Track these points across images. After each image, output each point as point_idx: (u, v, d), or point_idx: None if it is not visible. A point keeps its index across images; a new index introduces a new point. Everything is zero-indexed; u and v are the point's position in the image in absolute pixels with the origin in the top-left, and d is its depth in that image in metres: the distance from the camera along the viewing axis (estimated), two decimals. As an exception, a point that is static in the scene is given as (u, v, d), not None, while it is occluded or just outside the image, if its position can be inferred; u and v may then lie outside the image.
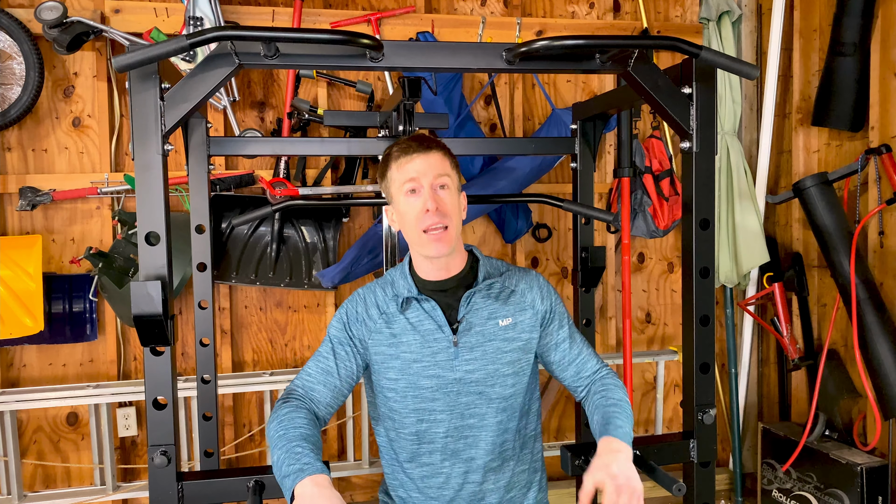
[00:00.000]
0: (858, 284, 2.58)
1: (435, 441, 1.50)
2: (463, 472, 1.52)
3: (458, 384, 1.48)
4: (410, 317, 1.49)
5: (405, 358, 1.48)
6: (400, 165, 1.44)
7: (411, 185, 1.43)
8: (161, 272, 1.30)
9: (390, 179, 1.47)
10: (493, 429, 1.51)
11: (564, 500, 3.10)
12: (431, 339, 1.48)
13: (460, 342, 1.48)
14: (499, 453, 1.53)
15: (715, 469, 1.52)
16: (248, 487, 1.35)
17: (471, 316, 1.49)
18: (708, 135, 1.46)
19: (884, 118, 2.63)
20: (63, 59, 2.67)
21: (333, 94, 2.92)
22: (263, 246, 2.74)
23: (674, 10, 3.28)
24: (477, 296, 1.50)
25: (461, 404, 1.49)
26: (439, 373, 1.48)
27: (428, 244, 1.43)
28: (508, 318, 1.51)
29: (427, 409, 1.49)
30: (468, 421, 1.50)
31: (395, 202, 1.47)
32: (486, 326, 1.49)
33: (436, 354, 1.48)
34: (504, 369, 1.50)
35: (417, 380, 1.48)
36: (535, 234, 3.16)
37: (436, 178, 1.43)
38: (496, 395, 1.50)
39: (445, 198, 1.44)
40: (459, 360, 1.48)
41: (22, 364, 2.71)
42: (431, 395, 1.48)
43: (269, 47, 1.32)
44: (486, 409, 1.50)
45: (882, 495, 2.56)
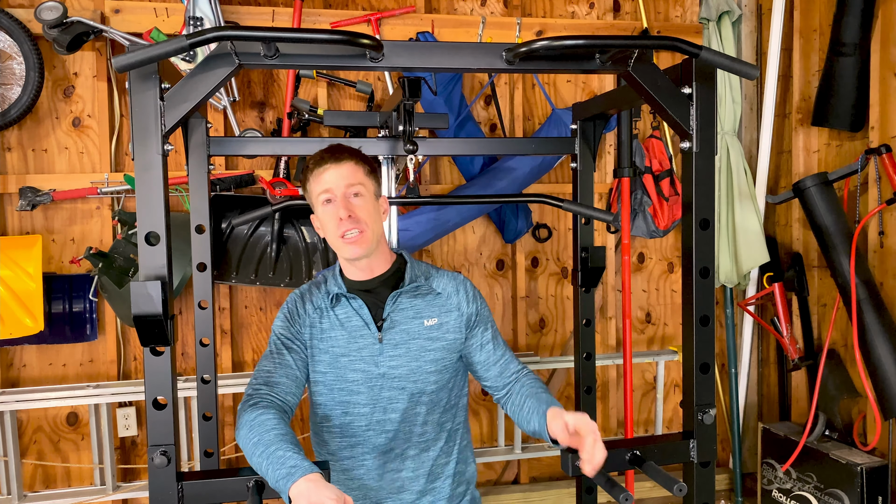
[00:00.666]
0: (858, 284, 2.58)
1: (358, 434, 1.58)
2: (382, 463, 1.59)
3: (382, 379, 1.56)
4: (339, 313, 1.57)
5: (333, 352, 1.56)
6: (315, 177, 1.53)
7: (326, 195, 1.51)
8: (161, 272, 1.30)
9: (309, 191, 1.55)
10: (410, 420, 1.59)
11: (564, 500, 3.10)
12: (358, 335, 1.56)
13: (385, 339, 1.56)
14: (416, 442, 1.60)
15: (715, 469, 1.52)
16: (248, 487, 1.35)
17: (396, 314, 1.57)
18: (708, 135, 1.46)
19: (884, 118, 2.63)
20: (63, 59, 2.67)
21: (333, 94, 2.92)
22: (263, 246, 2.74)
23: (674, 10, 3.28)
24: (403, 296, 1.58)
25: (384, 398, 1.56)
26: (364, 367, 1.55)
27: (344, 247, 1.52)
28: (434, 318, 1.59)
29: (351, 402, 1.56)
30: (390, 415, 1.57)
31: (317, 212, 1.56)
32: (410, 325, 1.57)
33: (361, 350, 1.55)
34: (427, 367, 1.57)
35: (345, 373, 1.55)
36: (535, 234, 3.16)
37: (348, 188, 1.51)
38: (417, 391, 1.58)
39: (359, 204, 1.51)
40: (384, 356, 1.56)
41: (22, 364, 2.71)
42: (356, 388, 1.56)
43: (269, 47, 1.32)
44: (407, 404, 1.57)
45: (882, 495, 2.57)
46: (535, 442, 3.16)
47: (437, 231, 2.79)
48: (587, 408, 2.10)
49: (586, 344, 2.13)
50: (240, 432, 1.37)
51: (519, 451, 2.98)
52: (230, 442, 2.85)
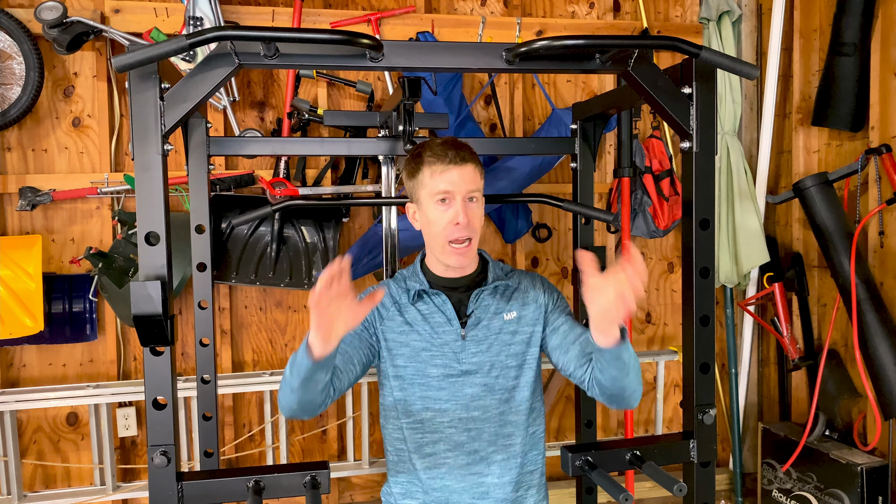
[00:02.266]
0: (858, 284, 2.58)
1: (439, 431, 1.53)
2: (466, 464, 1.54)
3: (465, 375, 1.53)
4: (421, 308, 1.55)
5: (414, 346, 1.53)
6: (434, 172, 1.48)
7: (444, 195, 1.47)
8: (161, 272, 1.30)
9: (420, 183, 1.50)
10: (495, 420, 1.55)
11: (564, 500, 3.10)
12: (441, 330, 1.54)
13: (468, 335, 1.54)
14: (502, 446, 1.55)
15: (715, 469, 1.52)
16: (248, 487, 1.35)
17: (479, 311, 1.55)
18: (708, 135, 1.46)
19: (884, 118, 2.63)
20: (63, 59, 2.67)
21: (333, 94, 2.92)
22: (263, 246, 2.74)
23: (674, 10, 3.28)
24: (485, 293, 1.57)
25: (466, 395, 1.53)
26: (447, 363, 1.53)
27: (451, 256, 1.50)
28: (513, 312, 1.58)
29: (433, 397, 1.53)
30: (472, 413, 1.53)
31: (423, 206, 1.51)
32: (492, 321, 1.56)
33: (444, 345, 1.53)
34: (509, 361, 1.55)
35: (425, 368, 1.53)
36: (535, 234, 3.16)
37: (468, 193, 1.48)
38: (500, 387, 1.54)
39: (474, 210, 1.49)
40: (466, 352, 1.53)
41: (22, 364, 2.71)
42: (438, 384, 1.53)
43: (268, 47, 1.32)
44: (490, 401, 1.54)
45: (882, 495, 2.56)
46: (535, 442, 3.16)
47: (437, 231, 2.79)
48: (587, 408, 2.10)
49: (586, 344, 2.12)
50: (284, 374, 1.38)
51: (519, 451, 2.98)
52: (230, 442, 2.85)
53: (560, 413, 3.27)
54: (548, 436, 3.25)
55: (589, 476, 1.43)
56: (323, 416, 2.94)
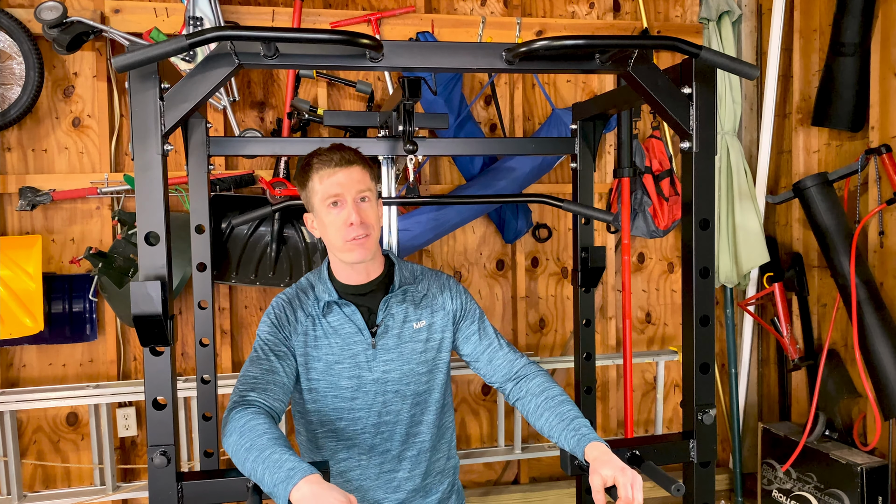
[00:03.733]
0: (858, 284, 2.58)
1: (353, 437, 1.58)
2: (379, 464, 1.59)
3: (376, 384, 1.56)
4: (332, 320, 1.56)
5: (327, 360, 1.55)
6: (322, 178, 1.49)
7: (334, 198, 1.49)
8: (161, 272, 1.30)
9: (312, 190, 1.52)
10: (406, 422, 1.60)
11: (564, 500, 3.10)
12: (351, 341, 1.56)
13: (378, 344, 1.56)
14: (412, 443, 1.61)
15: (715, 469, 1.52)
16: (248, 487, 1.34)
17: (388, 320, 1.58)
18: (708, 135, 1.46)
19: (884, 118, 2.63)
20: (63, 59, 2.67)
21: (333, 94, 2.92)
22: (263, 246, 2.74)
23: (674, 10, 3.28)
24: (393, 300, 1.58)
25: (378, 403, 1.57)
26: (359, 373, 1.55)
27: (350, 252, 1.50)
28: (422, 320, 1.60)
29: (346, 407, 1.56)
30: (384, 418, 1.58)
31: (318, 212, 1.53)
32: (402, 329, 1.58)
33: (356, 356, 1.55)
34: (419, 368, 1.59)
35: (338, 380, 1.55)
36: (535, 234, 3.16)
37: (357, 193, 1.50)
38: (411, 393, 1.59)
39: (367, 209, 1.51)
40: (377, 360, 1.56)
41: (22, 364, 2.71)
42: (351, 394, 1.56)
43: (268, 47, 1.32)
44: (402, 406, 1.58)
45: (882, 495, 2.56)
46: (535, 442, 3.16)
47: (437, 231, 2.79)
48: (586, 408, 2.10)
49: (586, 344, 2.13)
50: (229, 438, 1.32)
51: (519, 451, 2.98)
52: (230, 442, 2.85)
53: (560, 413, 3.27)
54: (548, 436, 3.24)
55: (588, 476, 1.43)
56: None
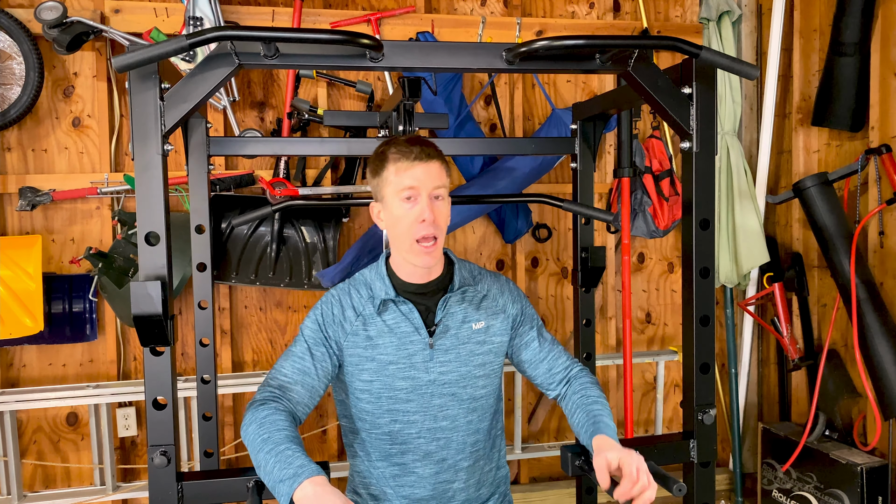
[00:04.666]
0: (858, 284, 2.58)
1: (408, 442, 1.52)
2: (434, 473, 1.54)
3: (432, 386, 1.51)
4: (387, 319, 1.51)
5: (381, 360, 1.49)
6: (399, 169, 1.43)
7: (409, 192, 1.43)
8: (161, 272, 1.30)
9: (385, 180, 1.46)
10: (464, 430, 1.54)
11: (564, 500, 3.10)
12: (408, 341, 1.50)
13: (436, 345, 1.51)
14: (470, 453, 1.56)
15: (715, 469, 1.52)
16: (248, 487, 1.35)
17: (447, 319, 1.52)
18: (708, 135, 1.46)
19: (884, 118, 2.63)
20: (63, 59, 2.67)
21: (333, 94, 2.92)
22: (263, 246, 2.74)
23: (674, 10, 3.28)
24: (452, 300, 1.53)
25: (434, 406, 1.51)
26: (414, 374, 1.50)
27: (419, 255, 1.45)
28: (481, 321, 1.55)
29: (401, 410, 1.51)
30: (441, 423, 1.52)
31: (388, 204, 1.47)
32: (460, 330, 1.53)
33: (412, 356, 1.50)
34: (476, 371, 1.54)
35: (392, 381, 1.50)
36: (535, 234, 3.16)
37: (434, 189, 1.44)
38: (468, 397, 1.53)
39: (440, 208, 1.45)
40: (434, 362, 1.51)
41: (22, 364, 2.71)
42: (406, 396, 1.50)
43: (268, 47, 1.32)
44: (458, 411, 1.53)
45: (882, 495, 2.56)
46: (534, 442, 3.16)
47: (437, 231, 2.79)
48: (587, 408, 2.10)
49: (586, 344, 2.13)
50: (248, 428, 1.32)
51: (519, 451, 2.98)
52: (230, 442, 2.85)
53: (560, 413, 3.27)
54: (548, 436, 3.25)
55: (589, 476, 1.43)
56: (323, 415, 2.94)
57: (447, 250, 1.60)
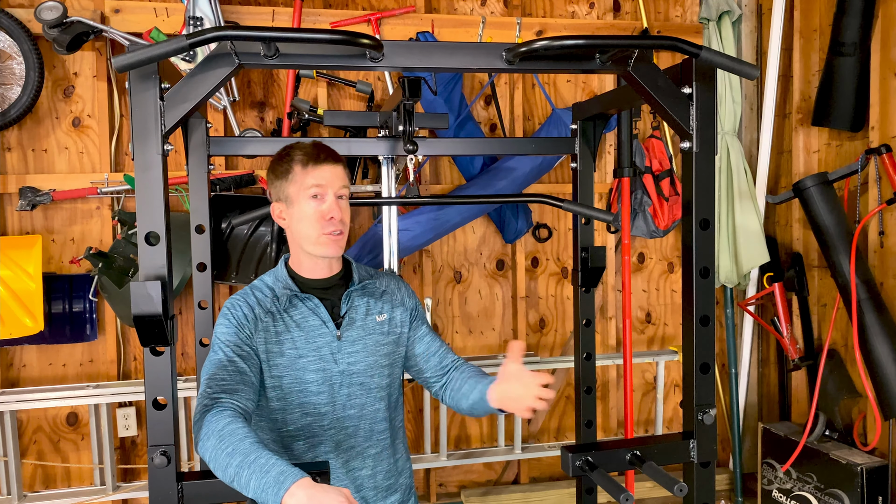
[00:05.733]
0: (858, 284, 2.58)
1: (318, 434, 1.57)
2: (345, 461, 1.58)
3: (342, 376, 1.56)
4: (294, 314, 1.56)
5: (290, 354, 1.54)
6: (308, 171, 1.52)
7: (317, 190, 1.52)
8: (161, 272, 1.30)
9: (292, 181, 1.53)
10: (370, 417, 1.60)
11: (564, 500, 3.10)
12: (316, 334, 1.56)
13: (343, 336, 1.57)
14: (377, 440, 1.62)
15: (715, 469, 1.52)
16: (248, 487, 1.35)
17: (351, 312, 1.60)
18: (708, 135, 1.46)
19: (884, 118, 2.63)
20: (63, 59, 2.67)
21: (333, 94, 2.92)
22: (263, 246, 2.74)
23: (674, 10, 3.28)
24: (354, 293, 1.61)
25: (343, 395, 1.57)
26: (324, 366, 1.55)
27: (326, 245, 1.53)
28: (384, 314, 1.64)
29: (311, 402, 1.55)
30: (349, 412, 1.58)
31: (295, 202, 1.54)
32: (365, 321, 1.61)
33: (320, 349, 1.55)
34: (382, 361, 1.62)
35: (303, 374, 1.54)
36: (535, 234, 3.16)
37: (339, 189, 1.54)
38: (375, 386, 1.60)
39: (345, 208, 1.56)
40: (343, 353, 1.57)
41: (22, 364, 2.71)
42: (317, 388, 1.55)
43: (269, 47, 1.32)
44: (366, 400, 1.59)
45: (882, 495, 2.57)
46: (535, 442, 3.16)
47: (437, 231, 2.79)
48: (587, 408, 2.10)
49: (586, 344, 2.13)
50: (206, 442, 1.27)
51: (519, 451, 2.98)
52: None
53: (560, 413, 3.27)
54: (548, 436, 3.25)
55: (589, 476, 1.43)
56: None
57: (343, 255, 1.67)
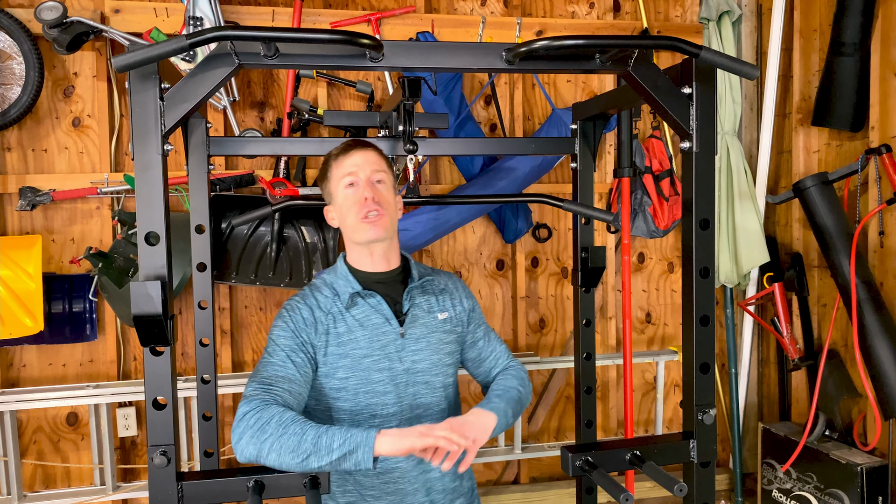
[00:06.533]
0: (858, 284, 2.58)
1: None
2: (417, 463, 1.56)
3: (407, 374, 1.55)
4: (356, 314, 1.54)
5: (354, 355, 1.52)
6: (339, 162, 1.54)
7: (350, 178, 1.52)
8: (161, 272, 1.30)
9: (330, 178, 1.56)
10: (437, 417, 1.58)
11: (564, 500, 3.10)
12: (380, 332, 1.54)
13: (407, 334, 1.55)
14: None
15: (715, 469, 1.52)
16: (248, 487, 1.35)
17: (414, 309, 1.58)
18: (708, 135, 1.46)
19: (884, 118, 2.63)
20: (63, 59, 2.67)
21: (333, 94, 2.92)
22: (263, 246, 2.74)
23: (674, 10, 3.28)
24: (415, 290, 1.60)
25: (409, 395, 1.55)
26: (389, 365, 1.53)
27: (366, 228, 1.51)
28: (445, 312, 1.63)
29: (379, 403, 1.53)
30: (416, 412, 1.56)
31: (335, 198, 1.55)
32: (428, 319, 1.59)
33: (385, 347, 1.53)
34: (446, 359, 1.61)
35: (369, 374, 1.52)
36: (535, 234, 3.16)
37: (373, 173, 1.53)
38: (440, 384, 1.59)
39: (382, 191, 1.54)
40: (407, 350, 1.55)
41: (22, 364, 2.71)
42: (383, 388, 1.53)
43: (268, 47, 1.32)
44: (431, 399, 1.58)
45: (882, 495, 2.57)
46: (535, 442, 3.16)
47: (437, 231, 2.79)
48: (587, 408, 2.10)
49: (586, 344, 2.13)
50: (263, 433, 1.30)
51: (519, 451, 2.98)
52: (230, 442, 2.85)
53: (560, 413, 3.27)
54: (548, 436, 3.25)
55: (589, 476, 1.43)
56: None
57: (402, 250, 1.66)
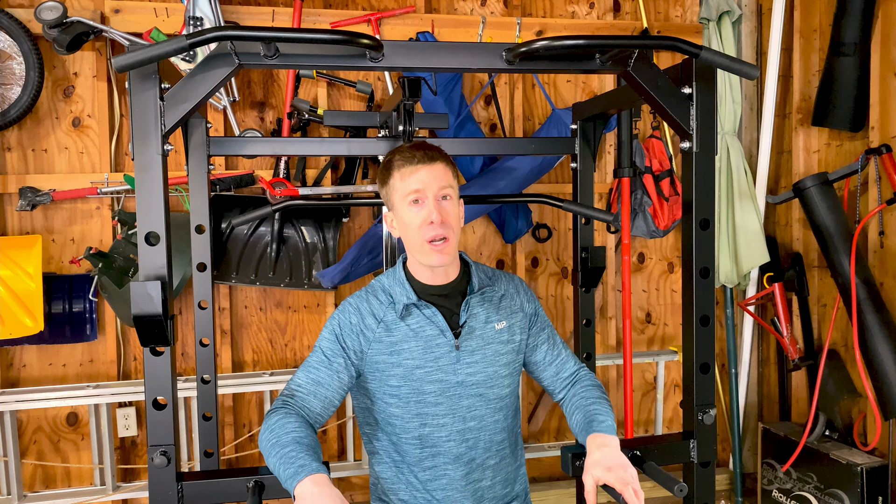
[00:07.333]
0: (858, 284, 2.58)
1: (438, 444, 1.52)
2: (465, 474, 1.54)
3: (460, 387, 1.51)
4: (411, 323, 1.51)
5: (407, 365, 1.50)
6: (404, 175, 1.45)
7: (415, 195, 1.44)
8: (161, 272, 1.30)
9: (392, 187, 1.48)
10: (491, 429, 1.55)
11: (564, 500, 3.10)
12: (433, 344, 1.50)
13: (462, 346, 1.51)
14: (496, 451, 1.57)
15: (715, 469, 1.52)
16: (248, 487, 1.35)
17: (471, 321, 1.53)
18: (708, 135, 1.46)
19: (884, 118, 2.63)
20: (63, 59, 2.67)
21: (333, 94, 2.92)
22: (263, 246, 2.74)
23: (674, 10, 3.28)
24: (473, 301, 1.54)
25: (463, 407, 1.52)
26: (442, 377, 1.50)
27: (431, 254, 1.46)
28: (503, 321, 1.56)
29: (430, 413, 1.51)
30: (469, 424, 1.53)
31: (398, 210, 1.48)
32: (484, 330, 1.54)
33: (438, 359, 1.50)
34: (501, 371, 1.55)
35: (421, 385, 1.50)
36: (535, 234, 3.16)
37: (440, 190, 1.45)
38: (494, 396, 1.54)
39: (448, 208, 1.46)
40: (461, 363, 1.51)
41: (22, 364, 2.71)
42: (435, 399, 1.51)
43: (268, 47, 1.32)
44: (485, 411, 1.54)
45: (882, 495, 2.56)
46: (534, 442, 3.16)
47: (437, 231, 2.79)
48: (587, 408, 2.10)
49: (586, 344, 2.13)
50: (262, 435, 1.36)
51: (519, 451, 2.98)
52: (230, 442, 2.85)
53: (560, 413, 3.27)
54: (548, 436, 3.25)
55: (589, 476, 1.43)
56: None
57: (462, 252, 1.61)
